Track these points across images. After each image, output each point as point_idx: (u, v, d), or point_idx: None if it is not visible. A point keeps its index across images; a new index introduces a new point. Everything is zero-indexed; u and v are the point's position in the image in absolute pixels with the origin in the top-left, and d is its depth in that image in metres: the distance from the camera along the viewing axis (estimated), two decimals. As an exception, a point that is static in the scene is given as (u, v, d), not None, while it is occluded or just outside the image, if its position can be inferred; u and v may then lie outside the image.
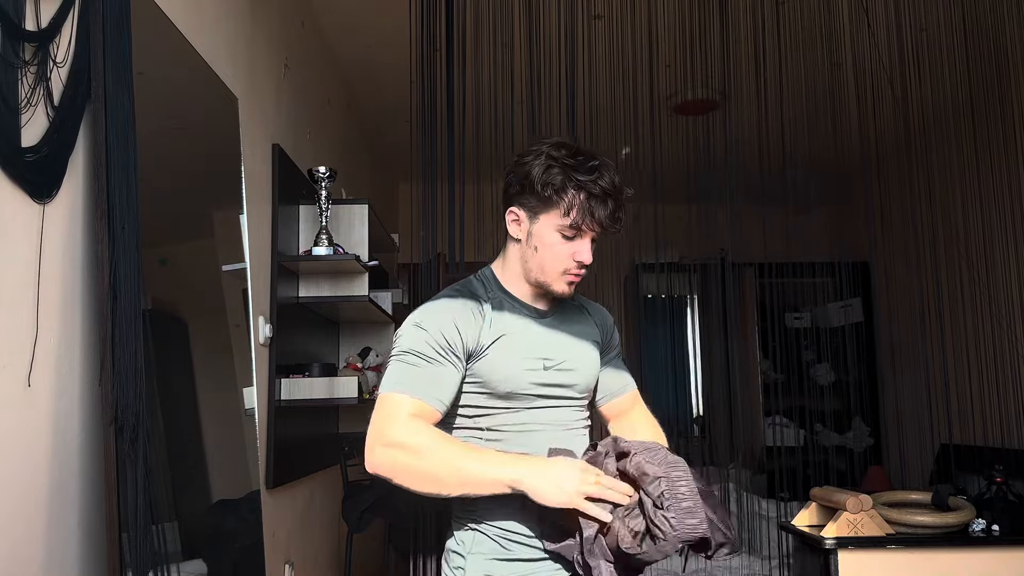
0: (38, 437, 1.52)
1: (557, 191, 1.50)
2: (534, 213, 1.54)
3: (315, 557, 3.44)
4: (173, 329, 2.11)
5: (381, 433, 1.43)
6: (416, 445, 1.40)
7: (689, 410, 6.06)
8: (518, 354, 1.53)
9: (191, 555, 1.95)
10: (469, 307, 1.53)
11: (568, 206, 1.50)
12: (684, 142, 4.17)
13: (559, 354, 1.58)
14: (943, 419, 4.32)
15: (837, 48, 3.80)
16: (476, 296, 1.56)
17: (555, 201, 1.50)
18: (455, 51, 3.09)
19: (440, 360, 1.47)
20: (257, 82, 2.85)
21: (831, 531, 2.89)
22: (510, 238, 1.59)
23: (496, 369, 1.51)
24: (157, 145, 1.98)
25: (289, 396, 3.02)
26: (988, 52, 3.78)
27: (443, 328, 1.49)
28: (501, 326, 1.54)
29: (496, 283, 1.61)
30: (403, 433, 1.41)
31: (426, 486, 1.41)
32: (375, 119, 4.89)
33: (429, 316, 1.51)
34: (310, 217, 3.28)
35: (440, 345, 1.48)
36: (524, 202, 1.55)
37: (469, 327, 1.51)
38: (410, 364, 1.47)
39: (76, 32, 1.63)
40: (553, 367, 1.56)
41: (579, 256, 1.53)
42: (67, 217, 1.62)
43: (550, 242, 1.53)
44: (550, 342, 1.58)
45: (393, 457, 1.41)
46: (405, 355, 1.48)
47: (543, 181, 1.51)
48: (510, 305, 1.58)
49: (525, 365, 1.53)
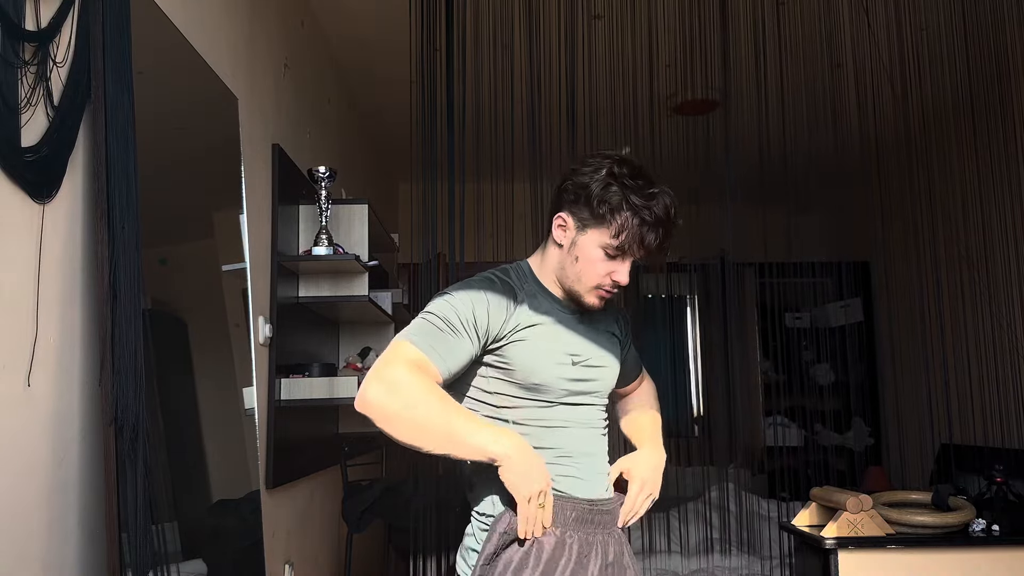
0: (38, 437, 1.52)
1: (612, 210, 1.51)
2: (583, 225, 1.54)
3: (315, 557, 3.44)
4: (173, 329, 2.11)
5: (379, 371, 1.43)
6: (410, 391, 1.40)
7: (689, 410, 6.06)
8: (549, 346, 1.55)
9: (191, 555, 1.95)
10: (503, 291, 1.55)
11: (620, 228, 1.51)
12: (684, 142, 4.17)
13: (587, 351, 1.60)
14: (943, 419, 4.32)
15: (837, 48, 3.80)
16: (512, 283, 1.58)
17: (607, 220, 1.51)
18: (455, 51, 3.10)
19: (460, 331, 1.48)
20: (257, 82, 2.85)
21: (831, 531, 2.89)
22: (552, 240, 1.60)
23: (527, 356, 1.53)
24: (157, 145, 1.98)
25: (289, 396, 3.01)
26: (988, 52, 3.78)
27: (473, 303, 1.50)
28: (534, 316, 1.55)
29: (533, 277, 1.62)
30: (401, 375, 1.41)
31: (409, 435, 1.41)
32: (375, 119, 4.89)
33: (461, 291, 1.53)
34: (310, 217, 3.28)
35: (464, 318, 1.49)
36: (575, 211, 1.55)
37: (499, 310, 1.52)
38: (430, 323, 1.48)
39: (76, 32, 1.63)
40: (581, 363, 1.58)
41: (617, 276, 1.55)
42: (67, 217, 1.62)
43: (592, 257, 1.54)
44: (579, 339, 1.60)
45: (384, 397, 1.40)
46: (428, 315, 1.50)
47: (600, 197, 1.51)
48: (544, 298, 1.60)
49: (555, 359, 1.55)
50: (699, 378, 6.18)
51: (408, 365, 1.42)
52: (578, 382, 1.58)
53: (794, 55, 3.72)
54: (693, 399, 6.17)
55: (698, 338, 6.23)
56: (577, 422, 1.59)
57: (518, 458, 1.43)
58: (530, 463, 1.44)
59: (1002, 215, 4.11)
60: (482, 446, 1.42)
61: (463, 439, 1.42)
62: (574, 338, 1.60)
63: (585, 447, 1.59)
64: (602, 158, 1.56)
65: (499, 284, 1.56)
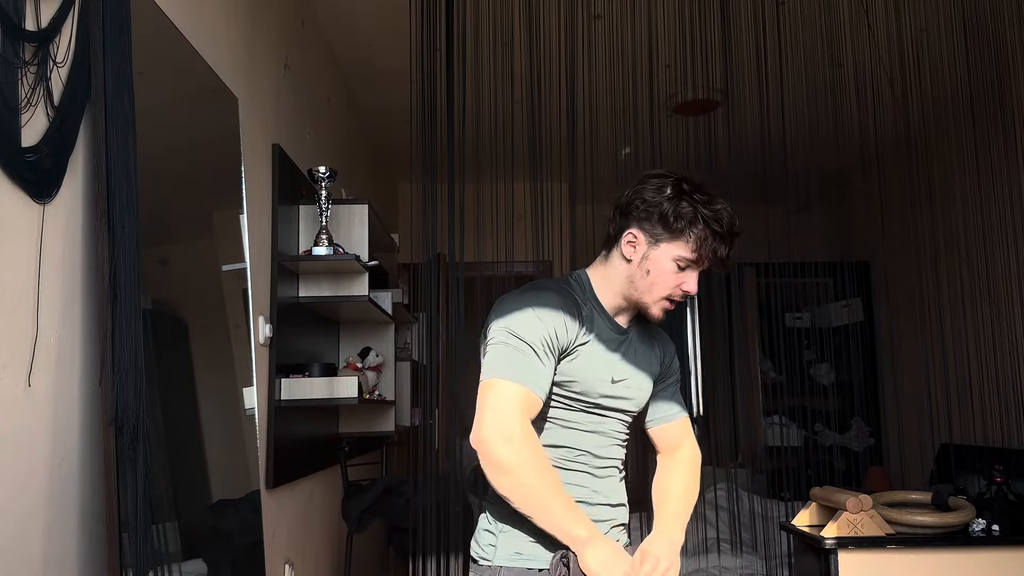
0: (38, 437, 1.52)
1: (689, 224, 1.59)
2: (656, 240, 1.62)
3: (315, 557, 3.44)
4: (173, 329, 2.11)
5: (500, 424, 1.51)
6: (528, 459, 1.50)
7: (689, 410, 6.04)
8: (597, 363, 1.63)
9: (191, 555, 1.95)
10: (573, 307, 1.62)
11: (697, 240, 1.60)
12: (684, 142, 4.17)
13: (625, 372, 1.68)
14: (943, 419, 4.32)
15: (837, 48, 3.80)
16: (576, 298, 1.65)
17: (684, 233, 1.60)
18: (455, 51, 3.10)
19: (547, 355, 1.56)
20: (257, 82, 2.85)
21: (831, 531, 2.89)
22: (620, 256, 1.66)
23: (577, 372, 1.61)
24: (157, 145, 1.98)
25: (289, 396, 3.02)
26: (988, 52, 3.78)
27: (556, 325, 1.57)
28: (590, 333, 1.63)
29: (591, 292, 1.69)
30: (517, 433, 1.50)
31: (511, 493, 1.52)
32: (375, 119, 4.89)
33: (545, 308, 1.59)
34: (310, 217, 3.28)
35: (550, 341, 1.56)
36: (646, 227, 1.63)
37: (571, 328, 1.60)
38: (521, 352, 1.55)
39: (76, 32, 1.63)
40: (620, 382, 1.67)
41: (687, 286, 1.64)
42: (67, 217, 1.62)
43: (665, 270, 1.62)
44: (621, 360, 1.68)
45: (504, 456, 1.49)
46: (517, 340, 1.55)
47: (676, 213, 1.59)
48: (600, 316, 1.67)
49: (599, 375, 1.64)
50: (699, 378, 6.18)
51: (520, 413, 1.51)
52: (612, 399, 1.66)
53: (794, 55, 3.72)
54: (693, 399, 6.16)
55: (698, 338, 6.23)
56: (599, 430, 1.67)
57: (598, 551, 1.50)
58: (609, 554, 1.51)
59: (1002, 215, 4.11)
60: (565, 531, 1.51)
61: (549, 519, 1.52)
62: (617, 359, 1.67)
63: (601, 451, 1.68)
64: (663, 176, 1.64)
65: (568, 299, 1.63)
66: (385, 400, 4.05)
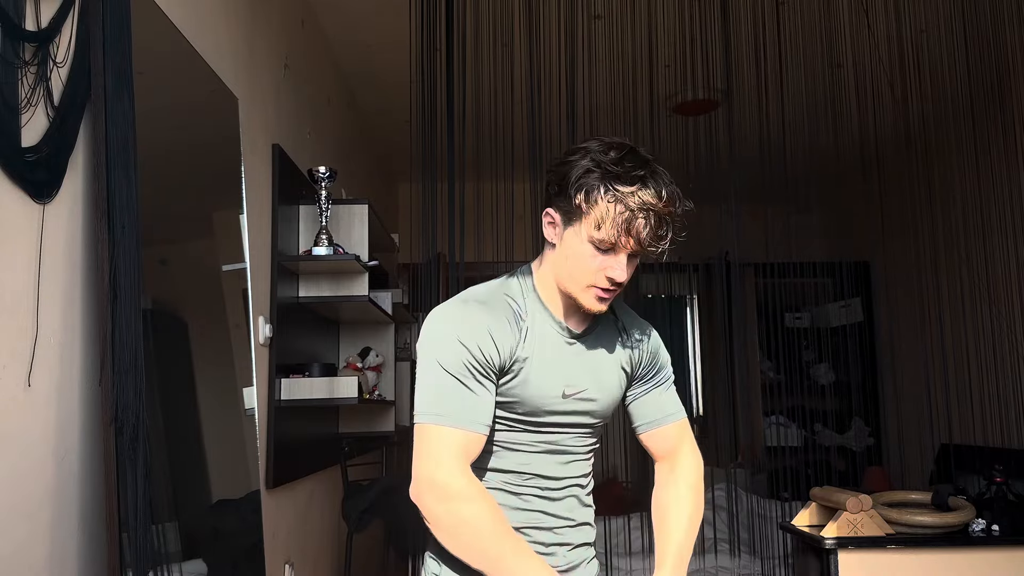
0: (38, 437, 1.52)
1: (589, 200, 1.36)
2: (568, 218, 1.40)
3: (315, 557, 3.44)
4: (173, 329, 2.11)
5: (433, 481, 1.36)
6: (469, 518, 1.35)
7: (689, 410, 6.05)
8: (542, 379, 1.44)
9: (191, 555, 1.95)
10: (508, 319, 1.43)
11: (600, 218, 1.35)
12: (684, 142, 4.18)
13: (582, 382, 1.48)
14: (943, 419, 4.32)
15: (837, 48, 3.80)
16: (515, 306, 1.46)
17: (586, 210, 1.36)
18: (455, 51, 3.10)
19: (480, 382, 1.39)
20: (257, 82, 2.85)
21: (831, 531, 2.89)
22: (546, 241, 1.46)
23: (519, 391, 1.43)
24: (157, 145, 1.98)
25: (289, 396, 3.02)
26: (988, 52, 3.78)
27: (483, 345, 1.39)
28: (533, 345, 1.44)
29: (533, 289, 1.49)
30: (459, 495, 1.35)
31: (458, 553, 1.37)
32: (375, 119, 4.89)
33: (469, 329, 1.39)
34: (310, 217, 3.28)
35: (480, 365, 1.38)
36: (560, 205, 1.41)
37: (506, 342, 1.41)
38: (448, 388, 1.38)
39: (76, 32, 1.63)
40: (573, 395, 1.47)
41: (610, 272, 1.39)
42: (67, 217, 1.62)
43: (581, 253, 1.39)
44: (575, 369, 1.48)
45: (441, 516, 1.36)
46: (443, 373, 1.38)
47: (577, 186, 1.36)
48: (543, 321, 1.47)
49: (547, 391, 1.44)
50: (699, 378, 6.18)
51: (456, 462, 1.35)
52: (566, 414, 1.47)
53: (794, 55, 3.72)
54: (693, 399, 6.17)
55: (698, 338, 6.23)
56: (553, 449, 1.48)
57: None
58: None
59: (1002, 216, 4.12)
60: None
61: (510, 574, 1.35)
62: (569, 368, 1.47)
63: (557, 471, 1.49)
64: (590, 142, 1.41)
65: (498, 313, 1.43)
66: (385, 400, 4.05)
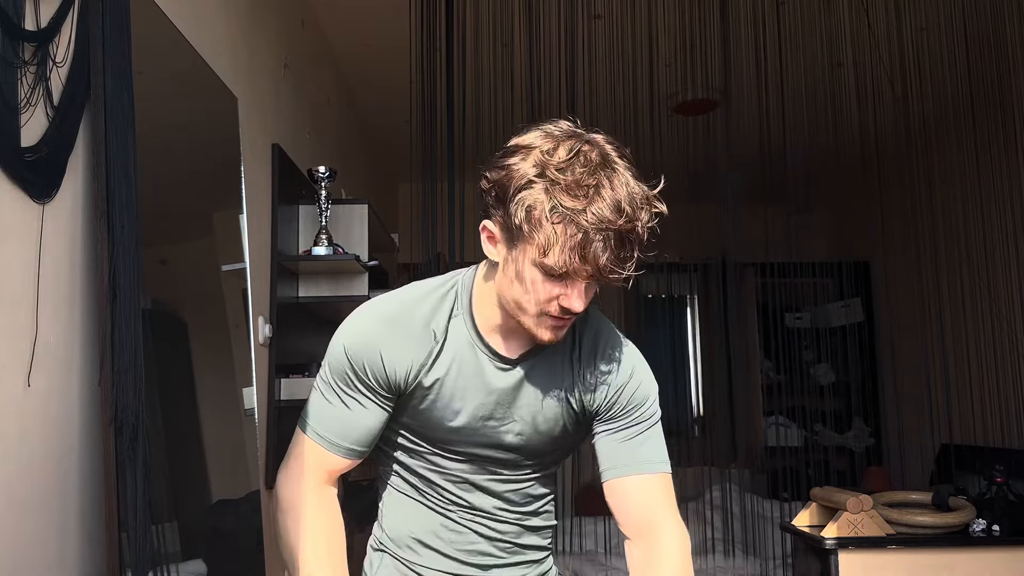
0: (37, 437, 1.52)
1: (532, 220, 1.08)
2: (509, 237, 1.13)
3: (315, 557, 3.44)
4: (173, 329, 2.11)
5: (283, 490, 1.36)
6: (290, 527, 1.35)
7: (689, 410, 6.06)
8: (446, 408, 1.25)
9: (191, 555, 1.95)
10: (413, 339, 1.23)
11: (546, 243, 1.08)
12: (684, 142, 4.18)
13: (506, 414, 1.26)
14: (943, 419, 4.32)
15: (837, 48, 3.80)
16: (432, 325, 1.24)
17: (528, 232, 1.09)
18: (455, 51, 3.10)
19: (358, 400, 1.25)
20: (257, 82, 2.85)
21: (831, 531, 2.89)
22: (487, 257, 1.21)
23: (429, 420, 1.27)
24: (157, 145, 1.98)
25: (289, 396, 3.01)
26: (988, 52, 3.78)
27: (370, 363, 1.22)
28: (447, 369, 1.24)
29: (468, 306, 1.25)
30: (291, 501, 1.35)
31: (281, 549, 1.40)
32: (375, 119, 4.89)
33: (360, 342, 1.24)
34: (310, 217, 3.28)
35: (361, 383, 1.24)
36: (499, 219, 1.14)
37: (402, 362, 1.23)
38: (327, 400, 1.29)
39: (76, 32, 1.63)
40: (495, 427, 1.26)
41: (565, 302, 1.14)
42: (67, 217, 1.62)
43: (530, 278, 1.13)
44: (500, 400, 1.25)
45: (281, 528, 1.38)
46: (326, 384, 1.29)
47: (517, 201, 1.08)
48: (466, 344, 1.24)
49: (457, 421, 1.25)
50: (699, 378, 6.18)
51: (311, 479, 1.31)
52: (478, 446, 1.27)
53: (794, 55, 3.72)
54: (693, 399, 6.17)
55: (698, 338, 6.23)
56: (465, 477, 1.31)
57: None
58: None
59: (1002, 215, 4.11)
60: None
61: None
62: (492, 398, 1.25)
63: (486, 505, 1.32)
64: (537, 138, 1.13)
65: (413, 331, 1.23)
66: (385, 400, 4.05)
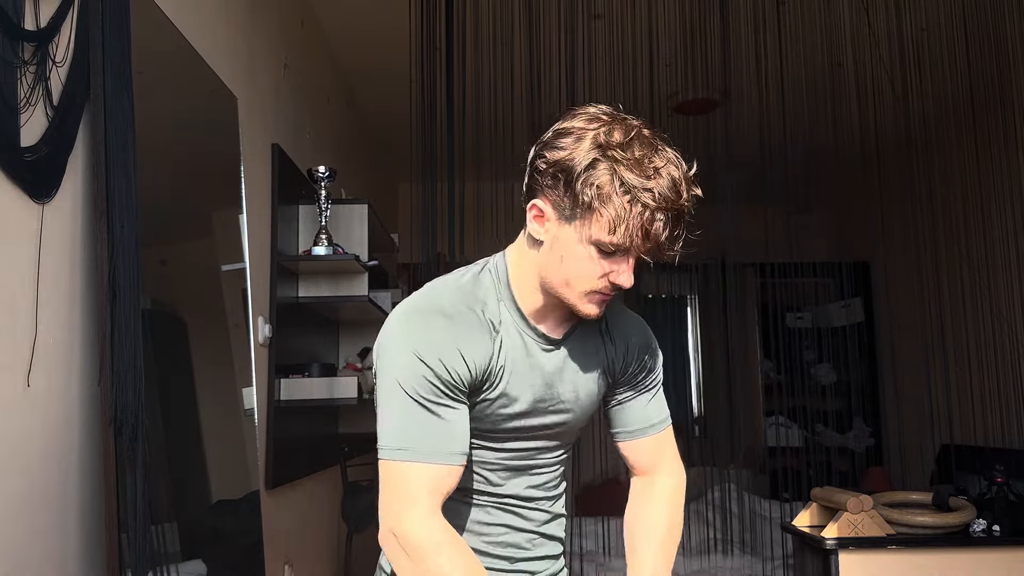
0: (38, 437, 1.52)
1: (602, 197, 1.12)
2: (564, 215, 1.16)
3: (315, 557, 3.44)
4: (173, 329, 2.10)
5: (396, 532, 1.17)
6: (432, 569, 1.15)
7: (689, 410, 6.06)
8: (511, 397, 1.25)
9: (191, 555, 1.95)
10: (478, 330, 1.22)
11: (615, 219, 1.12)
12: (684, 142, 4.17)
13: (555, 394, 1.29)
14: (943, 419, 4.32)
15: (837, 48, 3.80)
16: (488, 314, 1.24)
17: (596, 209, 1.12)
18: (455, 51, 3.10)
19: (450, 405, 1.19)
20: (257, 82, 2.85)
21: (832, 531, 2.88)
22: (529, 236, 1.23)
23: (483, 413, 1.25)
24: (157, 145, 1.98)
25: (289, 396, 3.01)
26: (988, 51, 3.78)
27: (450, 363, 1.18)
28: (505, 359, 1.24)
29: (508, 289, 1.27)
30: (420, 541, 1.16)
31: None
32: (375, 119, 4.89)
33: (430, 344, 1.18)
34: (310, 217, 3.28)
35: (448, 386, 1.18)
36: (555, 198, 1.16)
37: (478, 357, 1.21)
38: (413, 417, 1.18)
39: (75, 32, 1.63)
40: (545, 408, 1.29)
41: (616, 278, 1.17)
42: (66, 217, 1.62)
43: (581, 255, 1.16)
44: (549, 381, 1.28)
45: (404, 568, 1.18)
46: (406, 400, 1.18)
47: (586, 180, 1.12)
48: (517, 329, 1.26)
49: (514, 408, 1.26)
50: (699, 378, 6.18)
51: (427, 505, 1.17)
52: (532, 429, 1.30)
53: (794, 54, 3.72)
54: (693, 399, 6.17)
55: (698, 338, 6.23)
56: (514, 464, 1.31)
57: None
58: None
59: (1002, 214, 4.11)
60: None
61: None
62: (543, 381, 1.27)
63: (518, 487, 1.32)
64: (586, 121, 1.16)
65: (465, 321, 1.22)
66: (385, 400, 4.04)
